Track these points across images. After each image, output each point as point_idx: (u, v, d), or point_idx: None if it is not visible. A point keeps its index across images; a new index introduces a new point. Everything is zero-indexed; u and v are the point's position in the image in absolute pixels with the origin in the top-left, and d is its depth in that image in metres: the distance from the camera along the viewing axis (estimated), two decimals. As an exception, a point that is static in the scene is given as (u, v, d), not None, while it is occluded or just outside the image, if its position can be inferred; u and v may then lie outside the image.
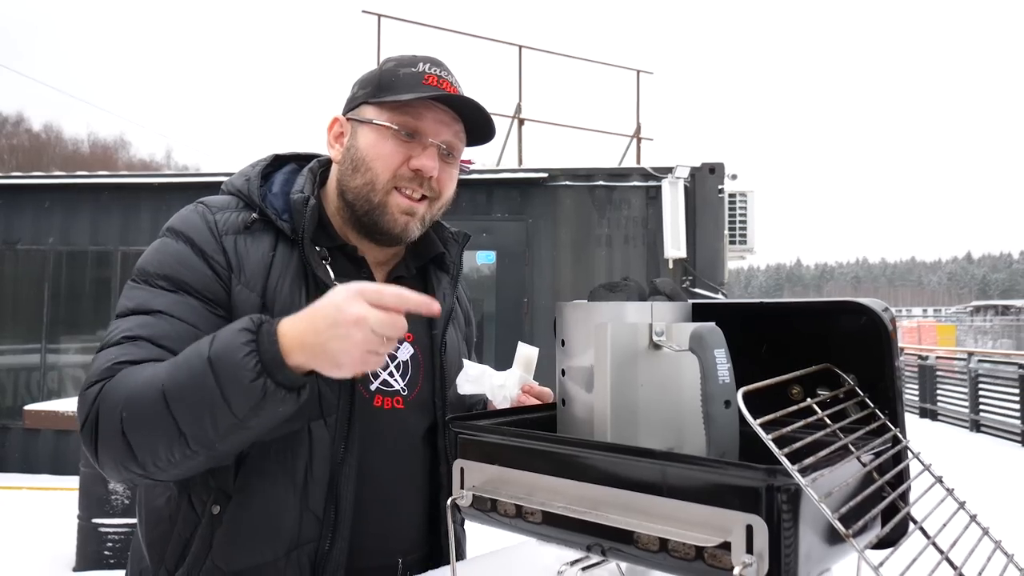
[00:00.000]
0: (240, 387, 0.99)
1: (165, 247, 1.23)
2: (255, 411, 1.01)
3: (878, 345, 0.92)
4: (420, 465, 1.33)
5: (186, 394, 1.02)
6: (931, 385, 13.66)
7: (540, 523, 0.88)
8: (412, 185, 1.27)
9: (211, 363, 1.01)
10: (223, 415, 1.01)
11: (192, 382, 1.02)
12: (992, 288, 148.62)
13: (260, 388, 0.99)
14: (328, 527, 1.19)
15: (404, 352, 1.33)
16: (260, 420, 1.03)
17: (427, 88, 1.25)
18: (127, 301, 1.19)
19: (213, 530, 1.17)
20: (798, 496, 0.71)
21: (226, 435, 1.03)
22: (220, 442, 1.04)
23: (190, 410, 1.02)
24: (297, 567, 1.18)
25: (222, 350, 1.02)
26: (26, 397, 8.32)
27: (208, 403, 1.01)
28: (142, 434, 1.04)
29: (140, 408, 1.04)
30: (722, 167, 8.04)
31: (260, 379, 0.99)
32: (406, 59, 1.31)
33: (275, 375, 1.00)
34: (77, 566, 4.72)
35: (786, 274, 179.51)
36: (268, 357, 1.00)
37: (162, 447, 1.04)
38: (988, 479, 7.64)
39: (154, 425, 1.03)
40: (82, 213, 8.60)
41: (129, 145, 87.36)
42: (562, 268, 8.07)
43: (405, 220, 1.28)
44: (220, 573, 1.16)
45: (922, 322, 35.84)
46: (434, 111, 1.27)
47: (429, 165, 1.26)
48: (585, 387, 0.94)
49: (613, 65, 9.85)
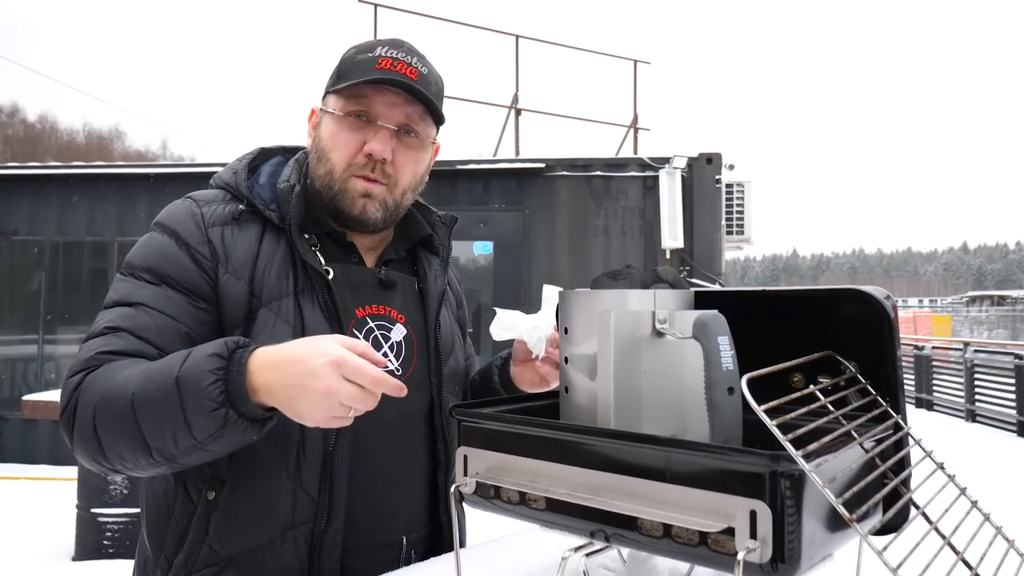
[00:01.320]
0: (202, 414, 1.02)
1: (151, 241, 1.26)
2: (215, 437, 1.03)
3: (880, 333, 0.92)
4: (419, 443, 1.35)
5: (152, 408, 1.04)
6: (927, 375, 13.70)
7: (544, 510, 0.88)
8: (365, 171, 1.29)
9: (178, 383, 1.03)
10: (184, 436, 1.04)
11: (159, 397, 1.04)
12: (988, 278, 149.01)
13: (221, 417, 1.02)
14: (324, 507, 1.20)
15: (397, 333, 1.35)
16: (220, 445, 1.05)
17: (379, 72, 1.25)
18: (113, 294, 1.22)
19: (209, 515, 1.18)
20: (801, 482, 0.72)
21: (187, 454, 1.06)
22: (182, 458, 1.07)
23: (154, 424, 1.04)
24: (293, 547, 1.19)
25: (191, 372, 1.04)
26: (24, 388, 8.32)
27: (171, 422, 1.03)
28: (111, 435, 1.08)
29: (111, 410, 1.07)
30: (719, 157, 8.04)
31: (222, 409, 1.01)
32: (366, 44, 1.32)
33: (238, 407, 1.02)
34: (76, 555, 4.73)
35: (782, 265, 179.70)
36: (233, 388, 1.02)
37: (127, 451, 1.07)
38: (984, 468, 7.67)
39: (122, 429, 1.06)
40: (79, 204, 8.59)
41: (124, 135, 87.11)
42: (559, 258, 8.07)
43: (363, 203, 1.29)
44: (217, 557, 1.18)
45: (918, 312, 35.92)
46: (384, 94, 1.27)
47: (378, 148, 1.27)
48: (588, 375, 0.95)
49: (610, 55, 9.82)
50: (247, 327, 1.21)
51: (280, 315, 1.21)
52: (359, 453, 1.24)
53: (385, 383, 1.02)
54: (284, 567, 1.18)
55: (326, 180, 1.30)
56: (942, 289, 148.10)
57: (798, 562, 0.72)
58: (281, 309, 1.22)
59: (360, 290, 1.32)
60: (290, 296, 1.23)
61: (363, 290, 1.33)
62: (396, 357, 1.33)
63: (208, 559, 1.18)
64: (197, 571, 1.18)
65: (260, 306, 1.21)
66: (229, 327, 1.21)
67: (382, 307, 1.34)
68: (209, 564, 1.18)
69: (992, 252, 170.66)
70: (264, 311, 1.21)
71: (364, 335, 1.30)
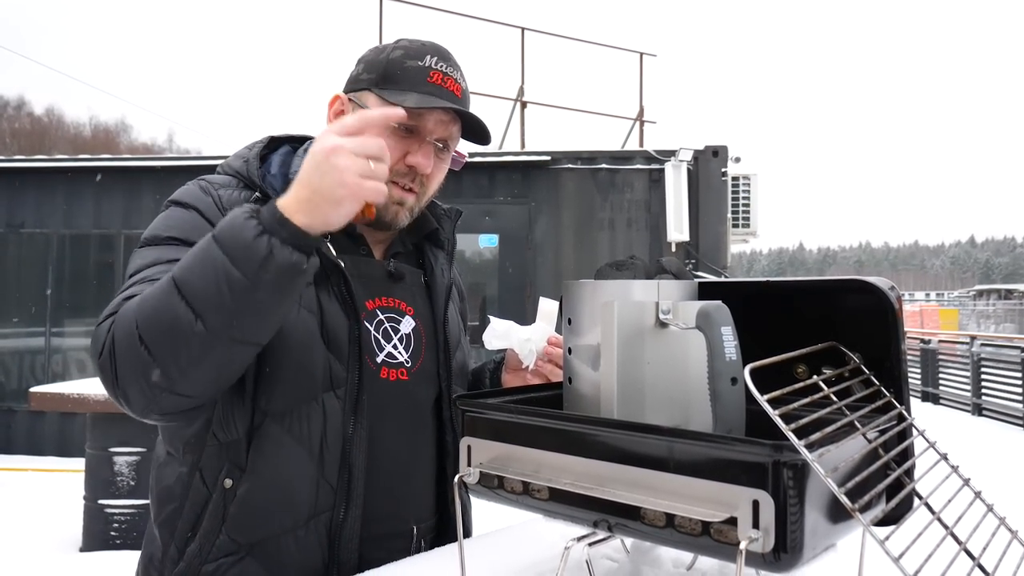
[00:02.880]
0: (244, 246, 0.99)
1: (174, 214, 1.24)
2: (263, 268, 0.99)
3: (884, 324, 0.92)
4: (428, 434, 1.36)
5: (195, 272, 1.02)
6: (933, 369, 13.67)
7: (547, 500, 0.89)
8: (405, 180, 1.28)
9: (215, 238, 1.02)
10: (234, 279, 0.99)
11: (198, 259, 1.02)
12: (995, 272, 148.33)
13: (265, 244, 0.99)
14: (342, 495, 1.21)
15: (406, 325, 1.35)
16: (270, 282, 1.00)
17: (431, 87, 1.25)
18: (138, 260, 1.19)
19: (226, 504, 1.18)
20: (804, 471, 0.72)
21: (240, 306, 1.01)
22: (236, 318, 1.02)
23: (200, 283, 1.01)
24: (315, 536, 1.20)
25: (225, 224, 1.03)
26: (31, 380, 8.36)
27: (214, 271, 1.00)
28: (158, 332, 1.03)
29: (152, 306, 1.04)
30: (725, 150, 8.02)
31: (263, 236, 0.99)
32: (414, 49, 1.29)
33: (278, 232, 1.00)
34: (84, 546, 4.76)
35: (788, 258, 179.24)
36: (268, 217, 1.01)
37: (180, 341, 1.02)
38: (991, 461, 7.65)
39: (169, 317, 1.02)
40: (85, 196, 8.61)
41: (131, 128, 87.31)
42: (565, 251, 8.07)
43: (395, 210, 1.30)
44: (236, 546, 1.17)
45: (925, 306, 35.81)
46: (436, 111, 1.27)
47: (424, 163, 1.27)
48: (592, 365, 0.95)
49: (616, 48, 9.81)
50: None
51: (303, 303, 1.21)
52: (372, 443, 1.25)
53: (370, 115, 1.04)
54: (307, 556, 1.19)
55: None
56: (949, 283, 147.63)
57: (800, 552, 0.72)
58: (304, 298, 1.21)
59: (370, 282, 1.33)
60: (311, 286, 1.23)
61: (373, 282, 1.33)
62: (405, 349, 1.34)
63: (225, 548, 1.17)
64: (213, 560, 1.17)
65: None
66: None
67: (391, 299, 1.35)
68: (227, 554, 1.17)
69: (1000, 246, 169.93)
70: None
71: (374, 327, 1.30)
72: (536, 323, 1.37)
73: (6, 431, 8.43)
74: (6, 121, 71.25)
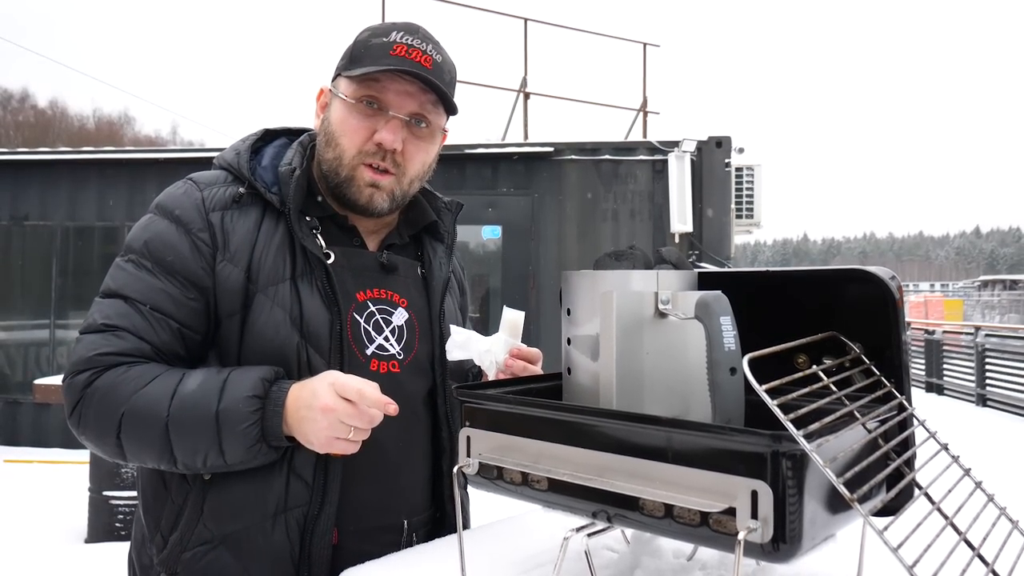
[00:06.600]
0: (239, 448, 1.15)
1: (151, 225, 1.27)
2: (244, 463, 1.17)
3: (884, 313, 0.92)
4: (421, 429, 1.35)
5: (189, 436, 1.15)
6: (938, 359, 13.64)
7: (546, 490, 0.89)
8: (375, 159, 1.27)
9: (218, 419, 1.14)
10: (215, 461, 1.16)
11: (197, 429, 1.14)
12: (1000, 263, 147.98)
13: (256, 451, 1.16)
14: (318, 492, 1.21)
15: (399, 317, 1.34)
16: (243, 465, 1.18)
17: (392, 59, 1.23)
18: (110, 280, 1.25)
19: (204, 496, 1.21)
20: (803, 462, 0.72)
21: (212, 470, 1.18)
22: (205, 471, 1.19)
23: (188, 448, 1.15)
24: (285, 530, 1.21)
25: (231, 411, 1.14)
26: (36, 372, 8.38)
27: (204, 449, 1.15)
28: (137, 445, 1.17)
29: (141, 427, 1.15)
30: (729, 141, 7.99)
31: (257, 445, 1.15)
32: (380, 28, 1.29)
33: (270, 441, 1.16)
34: (89, 537, 4.78)
35: (793, 249, 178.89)
36: (269, 426, 1.15)
37: (151, 459, 1.18)
38: (994, 451, 7.64)
39: (150, 443, 1.16)
40: (89, 189, 8.61)
41: (134, 121, 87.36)
42: (568, 243, 8.05)
43: (370, 192, 1.29)
44: (211, 535, 1.21)
45: (929, 297, 35.69)
46: (398, 82, 1.25)
47: (389, 139, 1.26)
48: (591, 355, 0.94)
49: (619, 38, 9.76)
50: (244, 314, 1.22)
51: (276, 301, 1.22)
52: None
53: (369, 396, 1.11)
54: (274, 548, 1.21)
55: (334, 165, 1.29)
56: (954, 273, 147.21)
57: (799, 542, 0.72)
58: (277, 295, 1.22)
59: (361, 274, 1.32)
60: (287, 281, 1.23)
61: (364, 274, 1.32)
62: (398, 341, 1.33)
63: (202, 537, 1.21)
64: (191, 548, 1.21)
65: (256, 292, 1.22)
66: (226, 315, 1.22)
67: (383, 291, 1.34)
68: (203, 542, 1.21)
69: (1005, 236, 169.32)
70: (260, 296, 1.22)
71: (365, 319, 1.30)
72: (498, 334, 1.35)
73: (11, 423, 8.46)
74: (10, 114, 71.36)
